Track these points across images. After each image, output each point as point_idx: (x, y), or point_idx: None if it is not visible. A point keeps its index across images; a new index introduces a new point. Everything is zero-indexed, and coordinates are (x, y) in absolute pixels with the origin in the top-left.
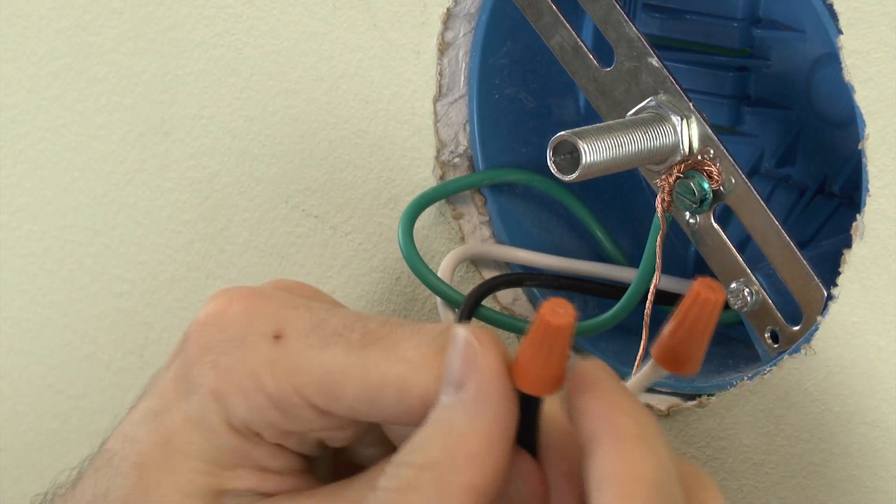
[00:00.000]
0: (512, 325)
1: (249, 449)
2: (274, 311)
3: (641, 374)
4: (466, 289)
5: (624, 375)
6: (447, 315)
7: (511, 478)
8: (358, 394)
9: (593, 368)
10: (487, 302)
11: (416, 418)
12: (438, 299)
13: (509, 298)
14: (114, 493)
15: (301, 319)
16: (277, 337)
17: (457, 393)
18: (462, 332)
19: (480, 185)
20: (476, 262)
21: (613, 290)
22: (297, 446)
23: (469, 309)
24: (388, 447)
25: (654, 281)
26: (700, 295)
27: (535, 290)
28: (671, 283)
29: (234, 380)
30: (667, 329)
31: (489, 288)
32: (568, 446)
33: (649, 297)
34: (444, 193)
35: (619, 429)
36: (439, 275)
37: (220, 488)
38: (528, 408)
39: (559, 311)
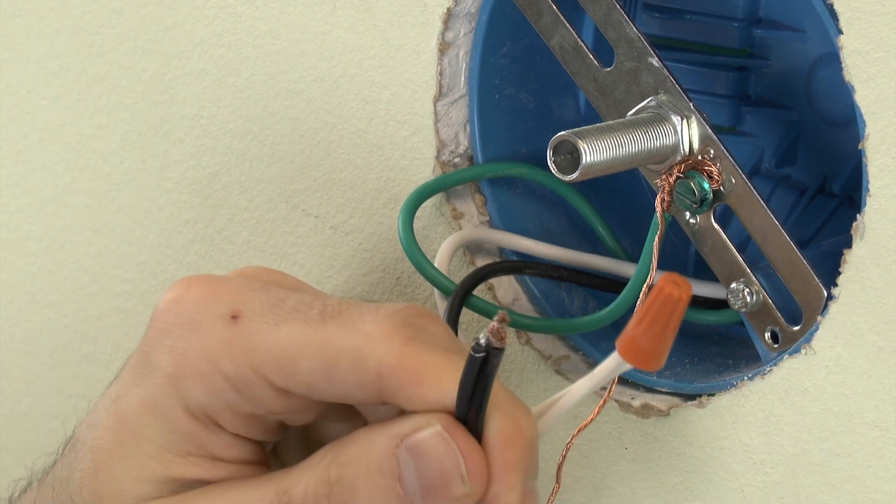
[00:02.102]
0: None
1: (205, 436)
2: (230, 293)
3: (603, 365)
4: None
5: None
6: (444, 307)
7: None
8: (314, 367)
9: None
10: (487, 297)
11: (372, 394)
12: (436, 291)
13: (510, 298)
14: (74, 478)
15: (258, 300)
16: (234, 318)
17: None
18: (428, 440)
19: (483, 178)
20: (473, 251)
21: (613, 283)
22: (257, 432)
23: (463, 293)
24: (354, 422)
25: (648, 280)
26: (664, 290)
27: (536, 291)
28: None
29: (190, 363)
30: (631, 322)
31: (486, 274)
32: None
33: (641, 296)
34: (445, 185)
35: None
36: (436, 262)
37: (172, 476)
38: (480, 385)
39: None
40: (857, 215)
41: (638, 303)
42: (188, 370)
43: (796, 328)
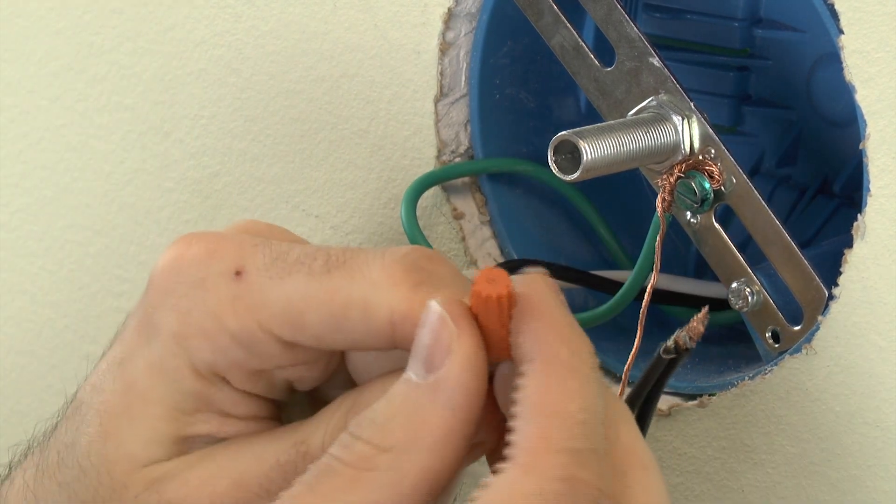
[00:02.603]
0: None
1: (213, 393)
2: (233, 250)
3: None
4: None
5: (620, 374)
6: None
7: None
8: (322, 319)
9: (536, 285)
10: None
11: (384, 341)
12: None
13: None
14: (79, 443)
15: (261, 255)
16: (238, 274)
17: (426, 374)
18: (436, 306)
19: (486, 172)
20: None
21: (614, 284)
22: (265, 390)
23: None
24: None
25: (651, 280)
26: (480, 294)
27: None
28: (669, 282)
29: (195, 322)
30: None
31: None
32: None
33: (646, 296)
34: (449, 176)
35: (551, 353)
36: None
37: (183, 434)
38: None
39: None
40: (858, 215)
41: (644, 304)
42: (193, 329)
43: (797, 328)
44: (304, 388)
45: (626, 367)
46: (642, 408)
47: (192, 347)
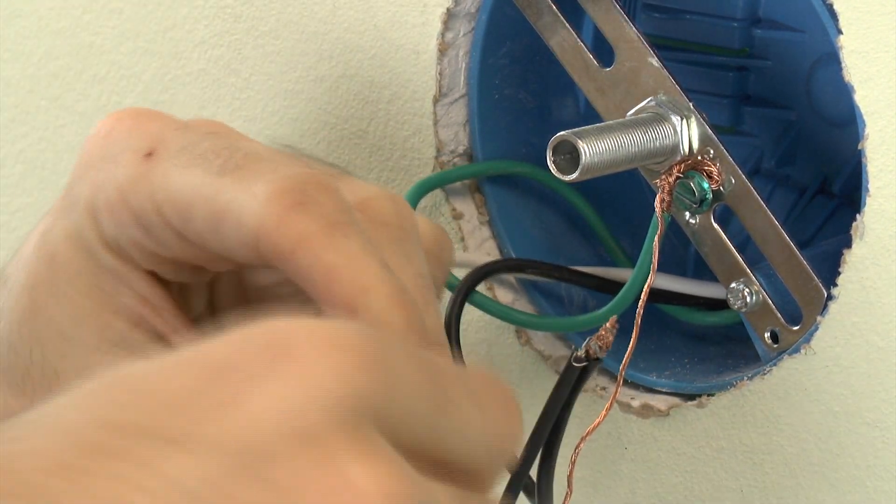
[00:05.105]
0: (507, 314)
1: (127, 272)
2: (153, 130)
3: None
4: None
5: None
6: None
7: None
8: (205, 218)
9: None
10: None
11: (252, 255)
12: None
13: (509, 298)
14: (6, 317)
15: (175, 141)
16: (149, 154)
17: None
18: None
19: (487, 174)
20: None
21: (614, 284)
22: (175, 274)
23: (465, 290)
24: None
25: (648, 281)
26: None
27: (537, 294)
28: (668, 282)
29: (104, 195)
30: None
31: (487, 272)
32: None
33: (642, 296)
34: (447, 181)
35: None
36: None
37: (106, 314)
38: None
39: None
40: (857, 215)
41: (640, 304)
42: (102, 201)
43: (796, 328)
44: (220, 271)
45: (622, 365)
46: (559, 415)
47: (101, 220)
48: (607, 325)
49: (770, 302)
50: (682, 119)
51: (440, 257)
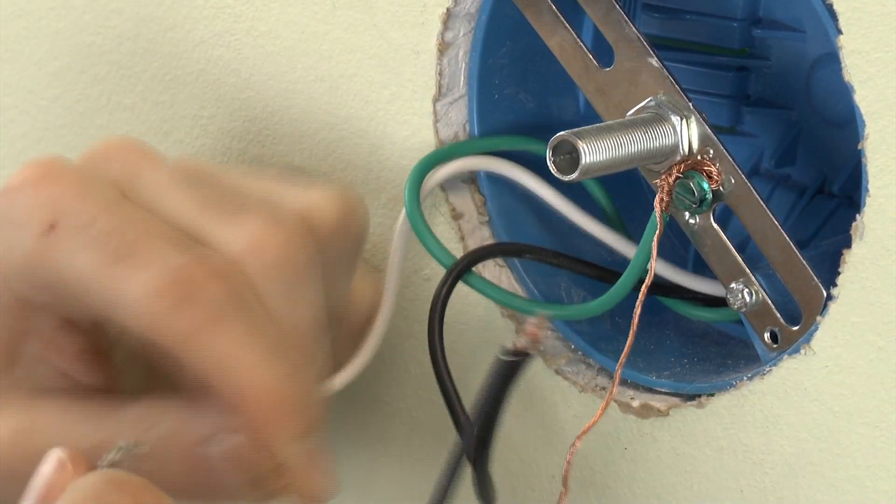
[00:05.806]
0: (501, 298)
1: (37, 324)
2: (55, 197)
3: None
4: None
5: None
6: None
7: None
8: (102, 302)
9: None
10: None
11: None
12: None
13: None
14: None
15: (78, 214)
16: (52, 227)
17: None
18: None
19: (498, 150)
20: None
21: (613, 274)
22: (87, 323)
23: (457, 273)
24: None
25: (647, 280)
26: None
27: (531, 285)
28: (668, 272)
29: (13, 260)
30: None
31: (484, 254)
32: None
33: (640, 295)
34: (457, 153)
35: None
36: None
37: (12, 363)
38: None
39: None
40: (857, 215)
41: (637, 305)
42: (12, 266)
43: (796, 328)
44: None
45: (619, 364)
46: (490, 411)
47: (9, 279)
48: (535, 320)
49: (770, 302)
50: (681, 119)
51: (347, 231)
